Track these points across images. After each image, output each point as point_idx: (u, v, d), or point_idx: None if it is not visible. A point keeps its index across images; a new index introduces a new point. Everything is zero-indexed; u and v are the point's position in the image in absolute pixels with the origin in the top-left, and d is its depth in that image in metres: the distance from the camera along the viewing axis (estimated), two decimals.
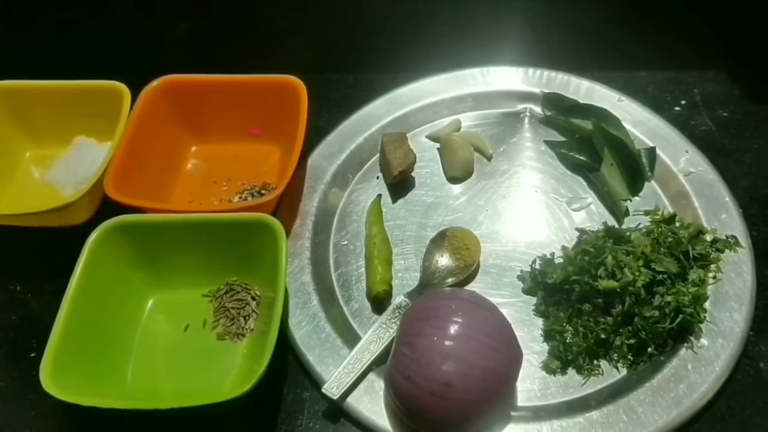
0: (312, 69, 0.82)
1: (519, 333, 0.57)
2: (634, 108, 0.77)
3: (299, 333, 0.62)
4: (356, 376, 0.58)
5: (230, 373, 0.61)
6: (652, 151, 0.72)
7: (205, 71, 0.76)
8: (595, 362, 0.60)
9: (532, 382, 0.59)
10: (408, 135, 0.76)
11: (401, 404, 0.54)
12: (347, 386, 0.58)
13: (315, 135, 0.76)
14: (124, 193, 0.65)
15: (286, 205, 0.71)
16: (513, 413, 0.57)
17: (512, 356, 0.54)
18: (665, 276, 0.60)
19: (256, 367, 0.54)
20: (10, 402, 0.61)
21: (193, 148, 0.78)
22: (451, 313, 0.53)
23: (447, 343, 0.52)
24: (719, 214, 0.67)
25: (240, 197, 0.73)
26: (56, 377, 0.54)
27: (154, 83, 0.74)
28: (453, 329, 0.52)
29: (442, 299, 0.56)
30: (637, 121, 0.75)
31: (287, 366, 0.62)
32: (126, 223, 0.63)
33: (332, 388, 0.58)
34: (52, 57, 0.90)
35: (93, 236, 0.62)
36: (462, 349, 0.51)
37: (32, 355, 0.64)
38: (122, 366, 0.61)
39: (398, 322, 0.59)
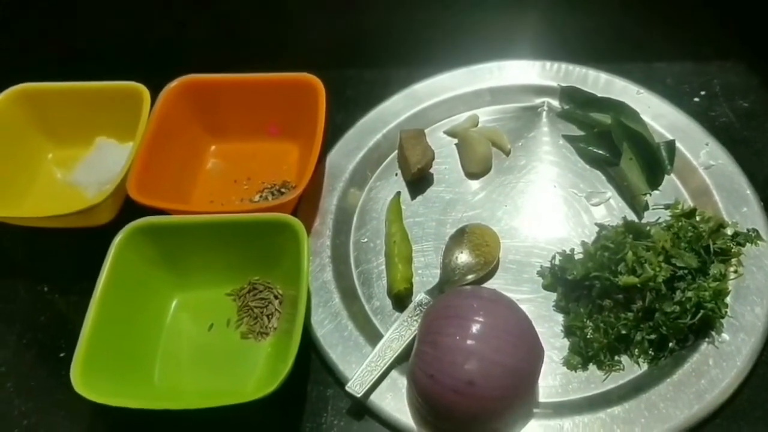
0: (328, 66, 0.82)
1: (539, 329, 0.58)
2: (652, 100, 0.76)
3: (322, 331, 0.63)
4: (379, 374, 0.59)
5: (255, 371, 0.62)
6: (671, 144, 0.72)
7: (222, 71, 0.76)
8: (616, 358, 0.60)
9: (553, 378, 0.60)
10: (426, 131, 0.76)
11: (424, 402, 0.54)
12: (370, 384, 0.59)
13: (333, 132, 0.77)
14: (147, 195, 0.66)
15: (306, 204, 0.71)
16: (535, 410, 0.58)
17: (534, 353, 0.55)
18: (686, 271, 0.60)
19: (281, 366, 0.55)
20: (40, 402, 0.62)
21: (213, 148, 0.79)
22: (472, 311, 0.54)
23: (469, 342, 0.52)
24: (740, 207, 0.67)
25: (260, 196, 0.74)
26: (87, 379, 0.55)
27: (173, 84, 0.75)
28: (475, 328, 0.53)
29: (464, 298, 0.56)
30: (657, 113, 0.75)
31: (310, 364, 0.63)
32: (150, 225, 0.64)
33: (355, 386, 0.58)
34: (72, 59, 0.90)
35: (118, 238, 0.63)
36: (484, 348, 0.52)
37: (61, 355, 0.65)
38: (149, 366, 0.62)
39: (419, 320, 0.60)
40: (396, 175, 0.75)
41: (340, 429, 0.59)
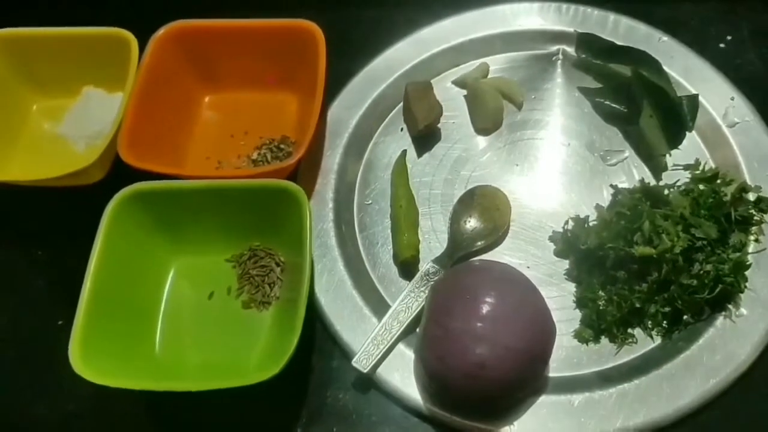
0: (329, 5, 0.77)
1: (549, 299, 0.56)
2: (676, 48, 0.71)
3: (325, 300, 0.61)
4: (386, 348, 0.58)
5: (258, 342, 0.60)
6: (694, 99, 0.68)
7: (215, 16, 0.71)
8: (629, 331, 0.59)
9: (563, 351, 0.58)
10: (433, 80, 0.72)
11: (434, 383, 0.53)
12: (377, 358, 0.57)
13: (334, 82, 0.72)
14: (139, 156, 0.63)
15: (307, 164, 0.68)
16: (544, 384, 0.57)
17: (546, 334, 0.53)
18: (705, 242, 0.57)
19: (286, 339, 0.54)
20: (41, 373, 0.61)
21: (207, 99, 0.75)
22: (483, 291, 0.52)
23: (479, 324, 0.50)
24: (765, 169, 0.64)
25: (258, 153, 0.70)
26: (86, 359, 0.53)
27: (162, 31, 0.70)
28: (485, 309, 0.51)
29: (474, 275, 0.54)
30: (680, 63, 0.70)
31: (315, 334, 0.61)
32: (143, 191, 0.61)
33: (362, 361, 0.57)
34: (54, 3, 0.84)
35: (110, 206, 0.60)
36: (495, 331, 0.50)
37: (60, 322, 0.63)
38: (150, 338, 0.61)
39: (427, 292, 0.58)
40: (401, 130, 0.71)
41: (346, 403, 0.58)
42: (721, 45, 0.74)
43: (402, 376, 0.57)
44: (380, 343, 0.58)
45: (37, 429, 0.60)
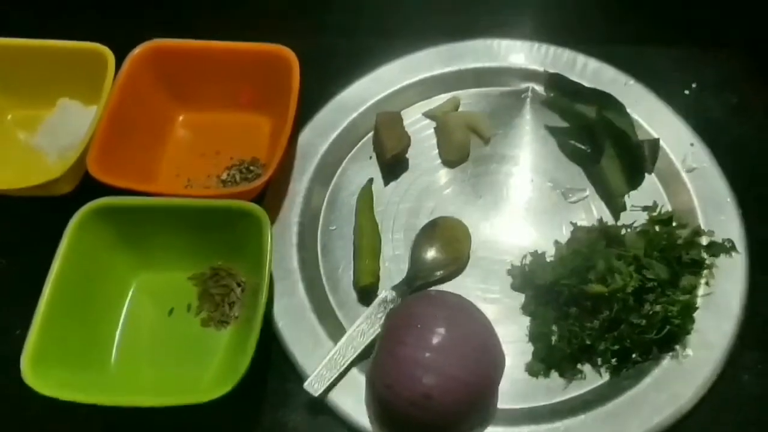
0: (305, 34, 0.79)
1: (504, 332, 0.57)
2: (641, 93, 0.73)
3: (283, 322, 0.62)
4: (339, 372, 0.58)
5: (214, 361, 0.61)
6: (655, 143, 0.69)
7: (192, 36, 0.72)
8: (579, 366, 0.60)
9: (514, 383, 0.59)
10: (404, 111, 0.74)
11: (381, 410, 0.54)
12: (329, 382, 0.58)
13: (307, 107, 0.73)
14: (108, 171, 0.64)
15: (275, 186, 0.69)
16: (492, 418, 0.57)
17: (495, 367, 0.54)
18: (656, 282, 0.59)
19: (240, 359, 0.54)
20: None
21: (181, 117, 0.76)
22: (434, 322, 0.52)
23: (428, 354, 0.51)
24: (718, 215, 0.65)
25: (228, 173, 0.71)
26: (38, 370, 0.54)
27: (139, 48, 0.71)
28: (435, 340, 0.52)
29: (427, 306, 0.55)
30: (644, 107, 0.72)
31: (271, 355, 0.62)
32: (108, 206, 0.62)
33: (314, 384, 0.58)
34: (34, 16, 0.85)
35: (74, 219, 0.60)
36: (444, 362, 0.51)
37: (17, 332, 0.63)
38: (106, 351, 0.61)
39: (383, 319, 0.59)
40: (370, 157, 0.72)
41: (297, 424, 0.59)
42: (686, 91, 0.76)
43: (354, 401, 0.58)
44: (333, 368, 0.58)
45: None
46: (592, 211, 0.68)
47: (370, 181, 0.70)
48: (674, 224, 0.64)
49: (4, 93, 0.75)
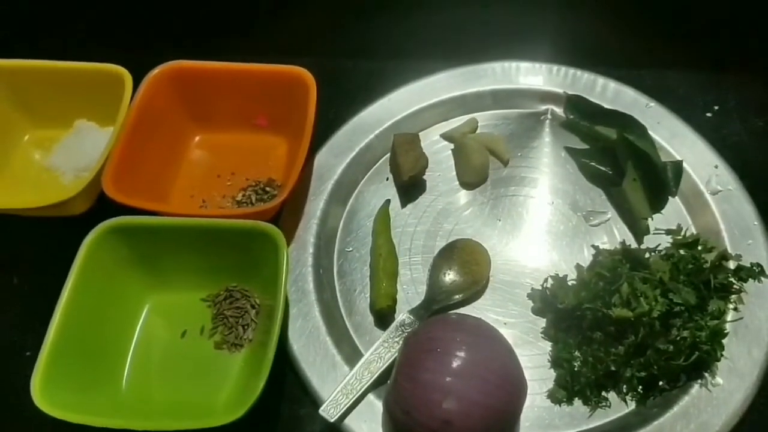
0: (324, 54, 0.78)
1: (524, 357, 0.55)
2: (663, 114, 0.72)
3: (298, 346, 0.61)
4: (355, 398, 0.57)
5: (227, 385, 0.59)
6: (678, 165, 0.68)
7: (211, 57, 0.72)
8: (603, 394, 0.58)
9: (536, 410, 0.57)
10: (422, 133, 0.73)
11: None
12: (345, 408, 0.56)
13: (324, 128, 0.72)
14: (123, 190, 0.63)
15: (291, 207, 0.68)
16: None
17: (517, 392, 0.52)
18: (683, 307, 0.57)
19: (253, 383, 0.53)
20: (4, 403, 0.60)
21: (197, 138, 0.75)
22: (454, 346, 0.51)
23: (448, 379, 0.49)
24: (746, 239, 0.64)
25: (243, 194, 0.70)
26: (48, 392, 0.53)
27: (157, 70, 0.71)
28: (455, 364, 0.50)
29: (447, 330, 0.53)
30: (666, 129, 0.71)
31: (285, 379, 0.60)
32: (122, 225, 0.61)
33: (329, 410, 0.56)
34: (54, 38, 0.86)
35: (88, 239, 0.60)
36: (464, 387, 0.49)
37: (28, 353, 0.62)
38: (117, 373, 0.60)
39: (401, 343, 0.57)
40: (387, 179, 0.71)
41: None
42: (708, 114, 0.75)
43: (370, 427, 0.56)
44: (350, 393, 0.57)
45: None
46: (615, 234, 0.66)
47: (387, 202, 0.69)
48: (700, 248, 0.62)
49: (23, 114, 0.76)
